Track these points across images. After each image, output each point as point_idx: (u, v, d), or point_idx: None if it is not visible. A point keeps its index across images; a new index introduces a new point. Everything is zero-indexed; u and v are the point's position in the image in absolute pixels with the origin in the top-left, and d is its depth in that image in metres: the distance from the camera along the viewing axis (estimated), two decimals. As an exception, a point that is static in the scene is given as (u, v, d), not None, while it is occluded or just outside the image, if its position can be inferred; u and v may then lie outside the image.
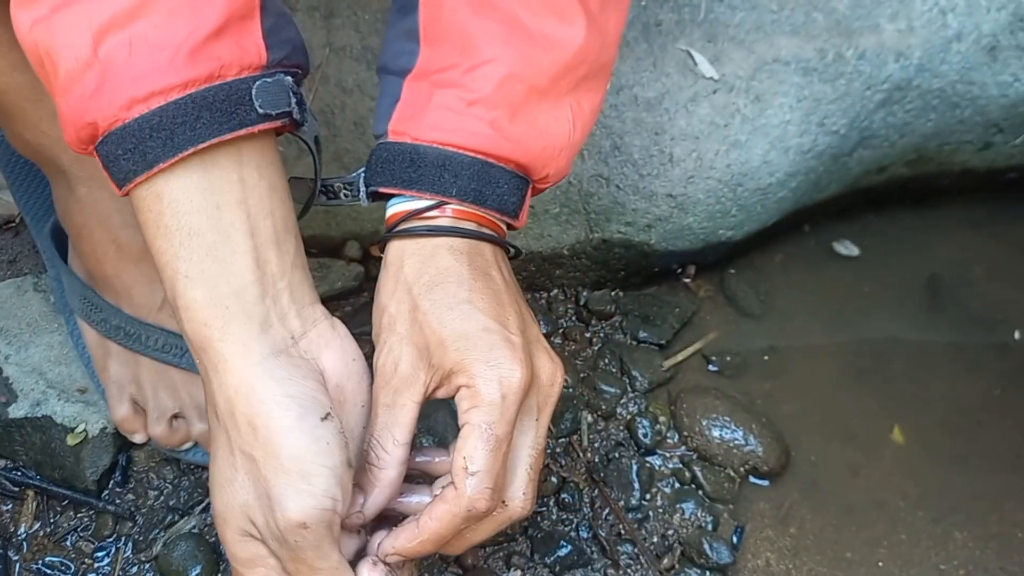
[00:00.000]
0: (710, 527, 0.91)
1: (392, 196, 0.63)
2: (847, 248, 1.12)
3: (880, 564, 0.92)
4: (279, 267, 0.54)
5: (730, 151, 0.98)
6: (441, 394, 0.60)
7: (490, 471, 0.56)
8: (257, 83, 0.52)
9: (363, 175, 0.64)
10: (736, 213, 1.02)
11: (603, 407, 0.98)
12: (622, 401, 0.99)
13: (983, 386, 1.04)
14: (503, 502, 0.59)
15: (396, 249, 0.62)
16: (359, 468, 0.59)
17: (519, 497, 0.60)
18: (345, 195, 0.66)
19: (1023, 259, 1.14)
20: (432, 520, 0.58)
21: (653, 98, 0.97)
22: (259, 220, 0.53)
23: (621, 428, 0.97)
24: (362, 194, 0.65)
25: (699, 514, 0.92)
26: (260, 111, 0.52)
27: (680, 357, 1.04)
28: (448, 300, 0.59)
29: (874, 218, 1.16)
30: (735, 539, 0.92)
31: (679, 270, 1.10)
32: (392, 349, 0.59)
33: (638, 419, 0.97)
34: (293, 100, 0.54)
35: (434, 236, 0.60)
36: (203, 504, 0.90)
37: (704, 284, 1.11)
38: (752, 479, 0.96)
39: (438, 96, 0.60)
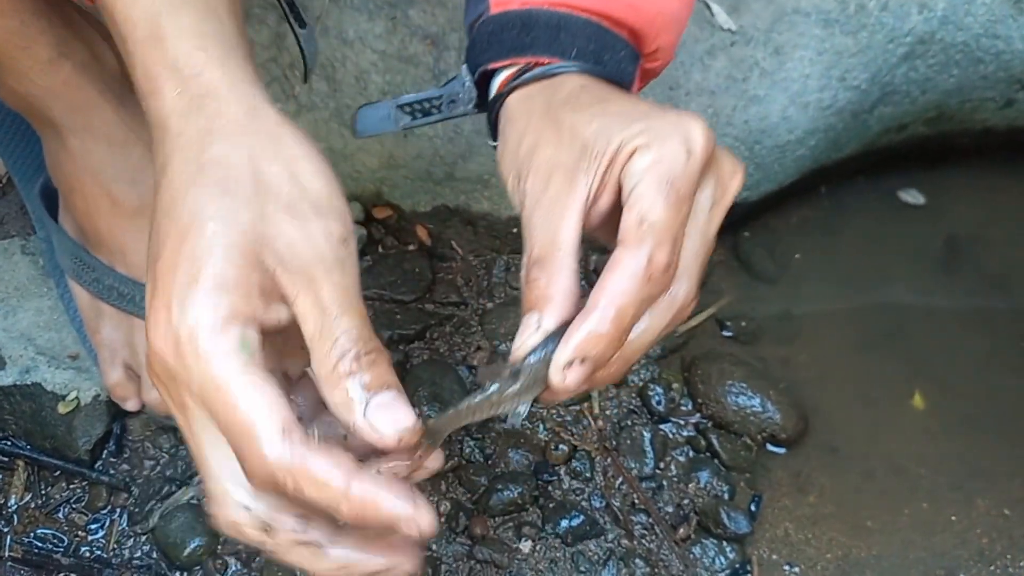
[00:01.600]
0: (727, 496, 0.89)
1: (497, 74, 0.55)
2: (913, 197, 1.08)
3: (901, 532, 0.89)
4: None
5: (748, 106, 0.94)
6: (606, 194, 0.48)
7: (669, 228, 0.46)
8: None
9: (465, 64, 0.58)
10: (753, 172, 0.98)
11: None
12: (634, 368, 0.96)
13: (1003, 350, 1.01)
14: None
15: (516, 99, 0.54)
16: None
17: (687, 285, 0.48)
18: (437, 110, 0.61)
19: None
20: (608, 290, 0.45)
21: (668, 51, 0.93)
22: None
23: (633, 395, 0.94)
24: (467, 84, 0.58)
25: (715, 483, 0.89)
26: None
27: (693, 322, 1.00)
28: (593, 100, 0.51)
29: (891, 179, 1.12)
30: (753, 508, 0.89)
31: (691, 233, 1.06)
32: (539, 169, 0.50)
33: (651, 386, 0.93)
34: None
35: (557, 76, 0.53)
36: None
37: (717, 247, 1.07)
38: (769, 447, 0.93)
39: None
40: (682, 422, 0.93)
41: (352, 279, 0.46)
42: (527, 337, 0.47)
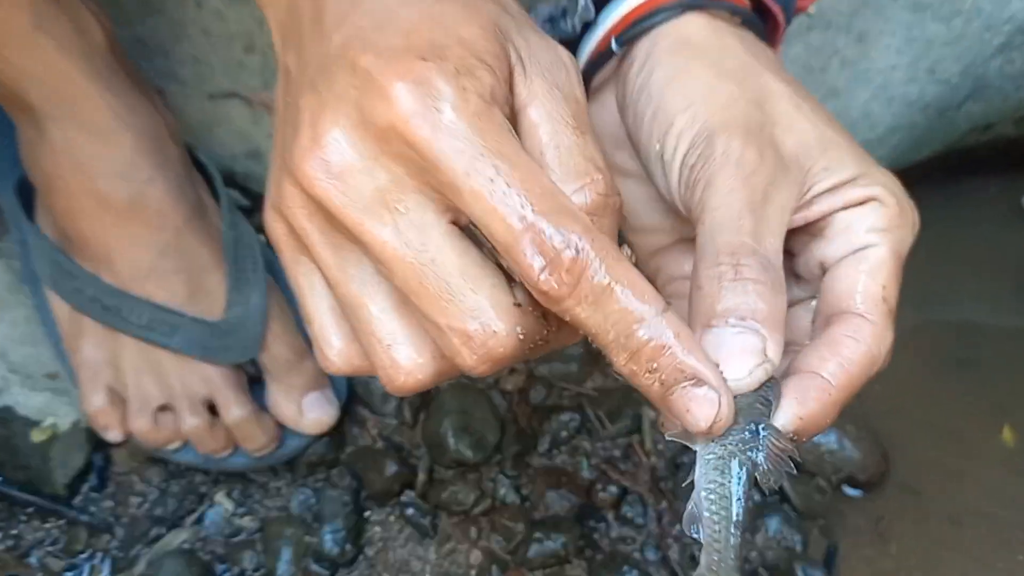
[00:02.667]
0: (799, 547, 0.77)
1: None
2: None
3: (997, 590, 0.78)
4: None
5: (826, 99, 0.82)
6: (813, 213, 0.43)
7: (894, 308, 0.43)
8: None
9: None
10: (825, 175, 0.86)
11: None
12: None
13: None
14: None
15: (673, 33, 0.47)
16: None
17: None
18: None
19: None
20: (846, 363, 0.40)
21: (736, 35, 0.82)
22: None
23: (690, 426, 0.83)
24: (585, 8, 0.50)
25: (786, 532, 0.78)
26: None
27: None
28: (799, 90, 0.45)
29: (972, 184, 1.01)
30: (829, 560, 0.77)
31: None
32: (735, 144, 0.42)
33: (710, 416, 0.82)
34: None
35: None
36: (195, 514, 0.75)
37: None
38: (846, 489, 0.81)
39: None
40: (744, 459, 0.82)
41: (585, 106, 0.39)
42: (743, 370, 0.37)
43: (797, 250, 0.46)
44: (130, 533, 0.73)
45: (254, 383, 0.76)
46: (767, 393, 0.38)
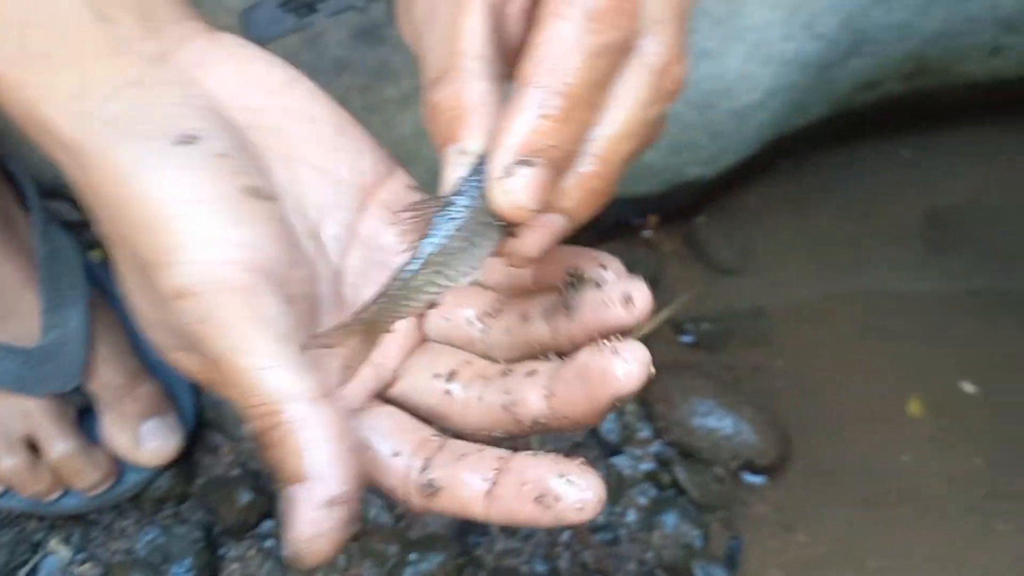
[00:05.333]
0: (698, 543, 0.72)
1: None
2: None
3: (912, 572, 0.73)
4: None
5: (698, 63, 0.77)
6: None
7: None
8: None
9: None
10: (707, 144, 0.81)
11: (555, 398, 0.77)
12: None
13: (1009, 337, 0.86)
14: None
15: None
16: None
17: (659, 37, 0.35)
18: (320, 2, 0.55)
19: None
20: (539, 54, 0.33)
21: None
22: None
23: (579, 423, 0.77)
24: None
25: (683, 527, 0.72)
26: None
27: (647, 328, 0.83)
28: None
29: (864, 148, 0.96)
30: (731, 556, 0.72)
31: (637, 221, 0.89)
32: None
33: (600, 410, 0.76)
34: None
35: None
36: (28, 566, 0.67)
37: (668, 237, 0.91)
38: (746, 476, 0.76)
39: None
40: (640, 453, 0.76)
41: None
42: (452, 172, 0.34)
43: None
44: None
45: (87, 413, 0.68)
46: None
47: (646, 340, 0.82)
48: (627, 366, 0.34)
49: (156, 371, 0.69)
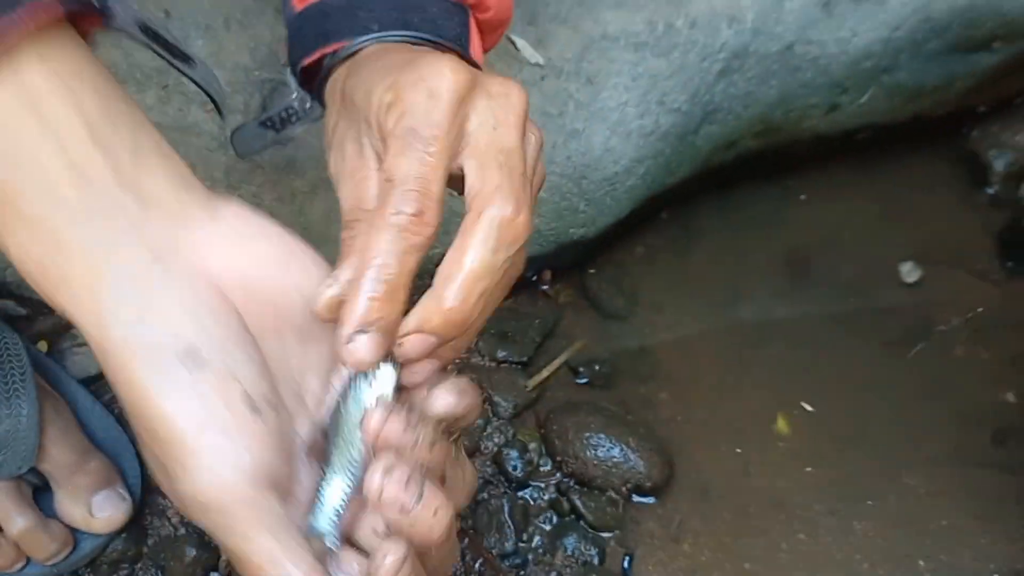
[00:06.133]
0: (596, 561, 0.82)
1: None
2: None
3: (782, 570, 0.84)
4: (109, 168, 0.41)
5: (568, 141, 0.88)
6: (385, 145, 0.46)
7: (415, 176, 0.43)
8: None
9: (287, 68, 0.57)
10: (585, 208, 0.93)
11: (465, 443, 0.87)
12: (486, 432, 0.88)
13: (866, 356, 0.99)
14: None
15: (328, 89, 0.53)
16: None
17: (501, 203, 0.44)
18: (295, 117, 0.62)
19: (888, 219, 1.09)
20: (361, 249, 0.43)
21: (476, 92, 0.87)
22: (63, 121, 0.40)
23: (488, 463, 0.87)
24: (294, 87, 0.57)
25: (583, 548, 0.82)
26: None
27: (545, 373, 0.94)
28: (376, 64, 0.49)
29: (730, 196, 1.09)
30: (626, 570, 0.82)
31: (534, 277, 1.00)
32: (337, 146, 0.49)
33: (506, 450, 0.86)
34: None
35: (357, 53, 0.52)
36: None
37: (564, 289, 1.02)
38: (636, 498, 0.87)
39: None
40: (543, 485, 0.86)
41: None
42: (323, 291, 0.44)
43: None
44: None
45: (41, 490, 0.75)
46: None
47: (546, 384, 0.93)
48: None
49: (103, 446, 0.78)
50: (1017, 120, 1.12)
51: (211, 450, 0.41)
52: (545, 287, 1.01)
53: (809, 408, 0.95)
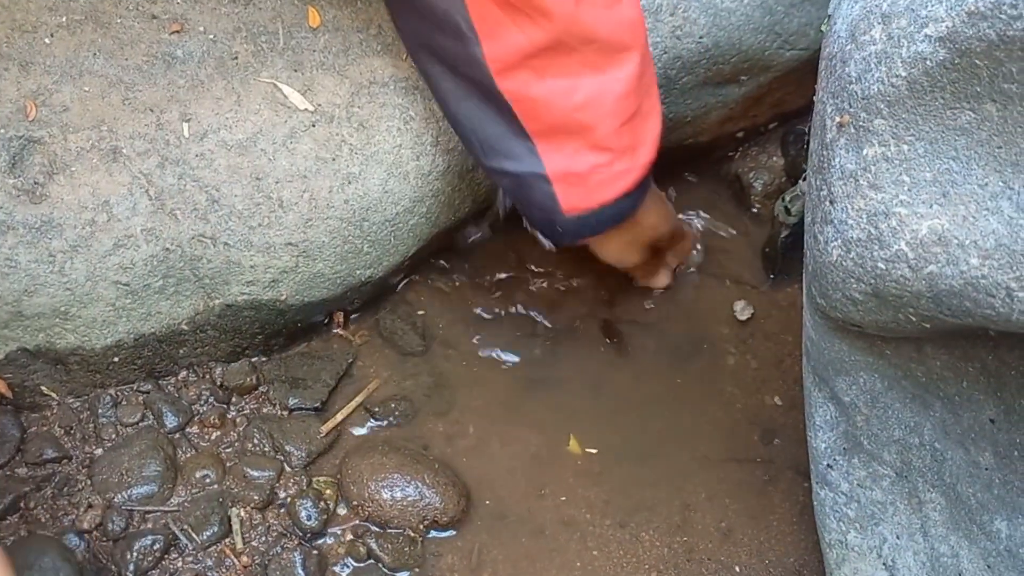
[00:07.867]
0: (397, 602, 0.82)
1: None
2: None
3: (577, 587, 0.88)
4: None
5: (345, 185, 0.89)
6: None
7: None
8: None
9: None
10: (369, 250, 0.94)
11: (257, 497, 0.85)
12: (279, 483, 0.87)
13: (646, 376, 1.04)
14: None
15: None
16: None
17: None
18: None
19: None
20: None
21: (245, 140, 0.86)
22: None
23: (282, 516, 0.85)
24: None
25: (382, 590, 0.82)
26: None
27: (339, 417, 0.94)
28: None
29: (518, 228, 1.13)
30: (426, 606, 0.83)
31: (326, 321, 1.00)
32: None
33: (299, 501, 0.85)
34: None
35: None
36: None
37: (359, 329, 1.02)
38: (434, 533, 0.88)
39: None
40: (339, 531, 0.86)
41: None
42: None
43: None
44: None
45: None
46: None
47: (340, 428, 0.93)
48: None
49: None
50: (771, 143, 1.23)
51: None
52: (339, 329, 1.01)
53: (599, 427, 0.99)
